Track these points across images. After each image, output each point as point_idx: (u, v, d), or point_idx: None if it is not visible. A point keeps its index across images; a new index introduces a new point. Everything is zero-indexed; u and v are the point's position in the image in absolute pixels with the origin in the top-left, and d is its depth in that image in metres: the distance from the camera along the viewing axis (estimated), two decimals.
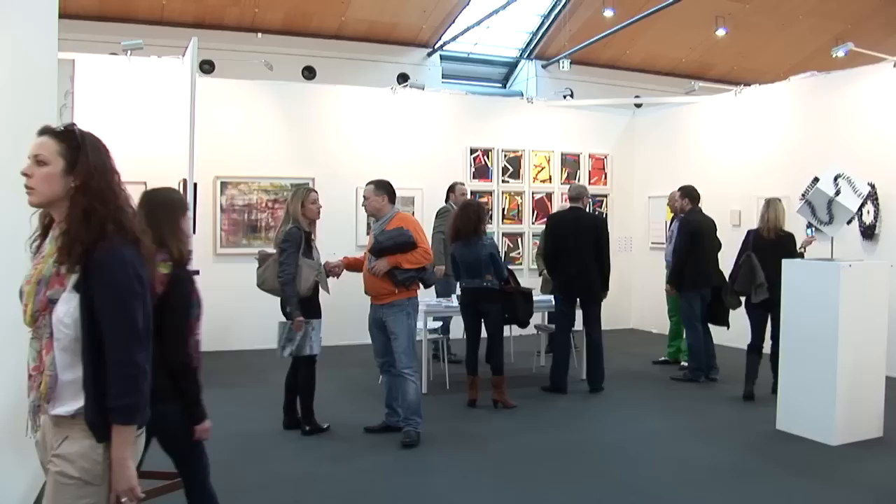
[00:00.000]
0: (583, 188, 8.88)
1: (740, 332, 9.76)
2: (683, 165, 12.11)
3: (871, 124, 9.61)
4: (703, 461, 6.19)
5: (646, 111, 14.13)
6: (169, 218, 3.72)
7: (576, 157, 13.06)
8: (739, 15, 16.05)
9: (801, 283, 6.90)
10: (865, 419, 6.76)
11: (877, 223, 9.44)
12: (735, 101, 11.71)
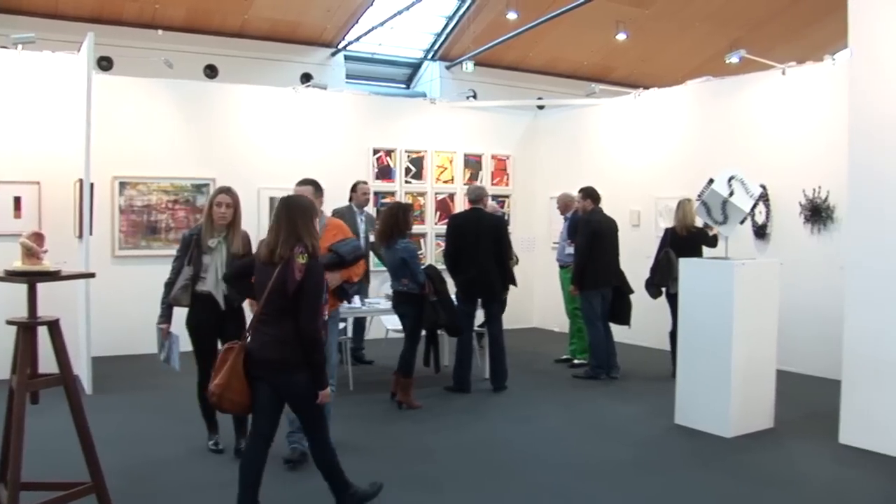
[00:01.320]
0: (482, 189, 9.03)
1: (640, 331, 10.11)
2: (584, 166, 12.40)
3: (763, 128, 10.05)
4: (604, 457, 6.38)
5: (548, 113, 14.41)
6: (305, 218, 4.71)
7: (478, 157, 13.22)
8: (640, 20, 16.50)
9: (697, 281, 7.18)
10: (758, 412, 7.09)
11: (768, 223, 9.89)
12: (635, 103, 12.08)
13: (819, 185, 9.29)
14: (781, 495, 5.56)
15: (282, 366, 4.57)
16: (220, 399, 4.61)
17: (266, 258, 4.66)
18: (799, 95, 9.71)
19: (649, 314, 9.79)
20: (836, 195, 8.89)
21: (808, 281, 9.14)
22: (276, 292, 4.54)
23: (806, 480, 5.90)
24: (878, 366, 6.43)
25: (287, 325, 4.54)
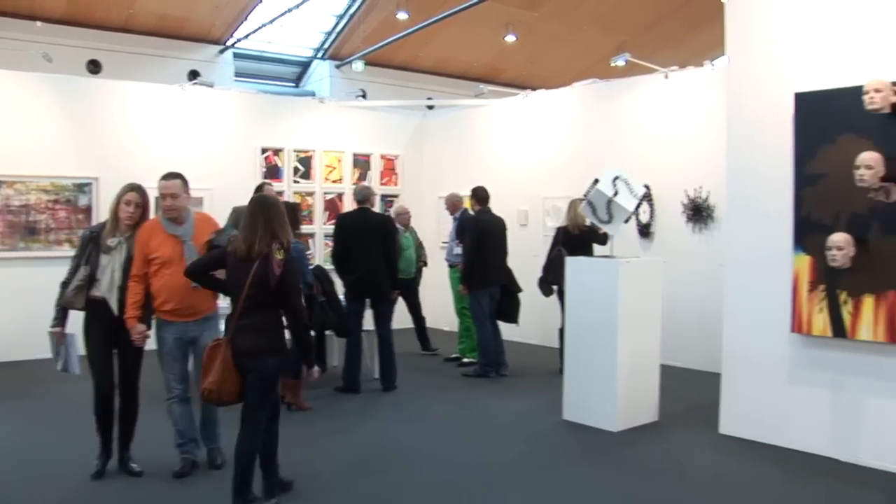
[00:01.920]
0: (368, 189, 9.05)
1: (529, 328, 10.26)
2: (473, 166, 12.52)
3: (647, 130, 10.35)
4: (493, 454, 6.46)
5: (437, 113, 14.51)
6: (279, 216, 5.05)
7: (367, 157, 13.21)
8: (529, 22, 16.72)
9: (583, 279, 7.35)
10: (643, 406, 7.31)
11: (652, 222, 10.21)
12: (522, 104, 12.27)
13: (700, 185, 9.62)
14: (666, 486, 5.75)
15: (259, 351, 4.92)
16: (220, 394, 4.93)
17: (244, 255, 4.92)
18: (681, 98, 10.05)
19: (538, 312, 9.98)
20: (717, 195, 9.20)
21: (690, 278, 9.45)
22: (256, 286, 4.87)
23: (689, 470, 6.14)
24: (755, 359, 6.73)
25: (265, 315, 4.95)
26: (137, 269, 5.57)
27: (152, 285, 5.58)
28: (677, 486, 5.74)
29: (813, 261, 6.26)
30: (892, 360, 5.96)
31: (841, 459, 6.19)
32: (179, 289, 5.54)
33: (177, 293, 5.56)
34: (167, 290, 5.55)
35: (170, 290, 5.55)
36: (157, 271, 5.55)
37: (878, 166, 5.80)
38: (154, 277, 5.56)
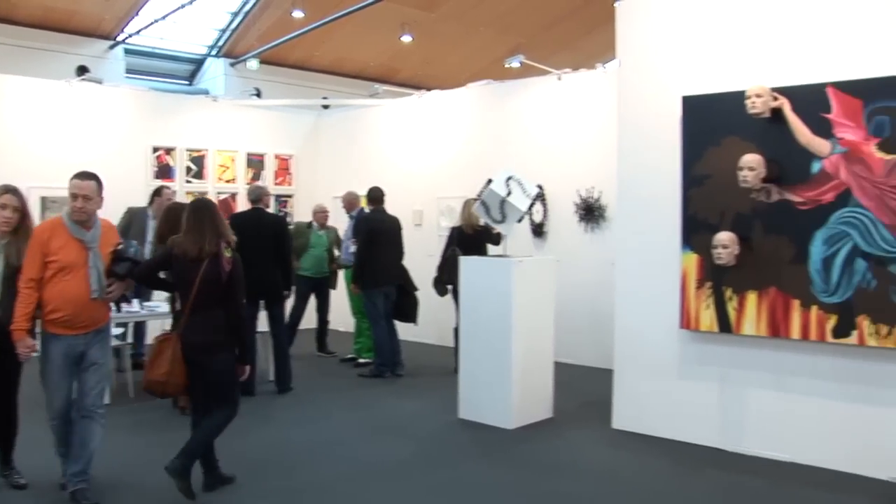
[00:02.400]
0: (262, 189, 8.94)
1: (425, 328, 10.26)
2: (368, 166, 12.46)
3: (540, 130, 10.48)
4: (389, 454, 6.45)
5: (332, 112, 14.38)
6: (221, 217, 5.36)
7: (261, 157, 13.02)
8: (425, 23, 16.73)
9: (477, 278, 7.39)
10: (538, 402, 7.39)
11: (545, 222, 10.35)
12: (417, 105, 12.29)
13: (592, 185, 9.79)
14: (561, 481, 5.83)
15: (212, 347, 5.18)
16: (166, 386, 5.15)
17: (195, 254, 5.13)
18: (574, 100, 10.20)
19: (433, 312, 9.98)
20: (608, 195, 9.37)
21: (583, 276, 9.61)
22: (207, 284, 5.12)
23: (583, 465, 6.23)
24: (646, 355, 6.89)
25: (215, 312, 5.19)
26: (33, 273, 5.01)
27: (44, 292, 5.04)
28: (572, 482, 5.83)
29: (700, 259, 6.43)
30: (774, 352, 6.22)
31: (728, 449, 6.40)
32: (76, 298, 5.05)
33: (72, 303, 5.05)
34: (62, 298, 5.02)
35: (65, 300, 5.02)
36: (53, 277, 5.02)
37: (760, 168, 6.02)
38: (48, 283, 5.03)
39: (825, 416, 6.02)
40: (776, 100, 6.01)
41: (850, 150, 5.77)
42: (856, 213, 5.76)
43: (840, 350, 5.90)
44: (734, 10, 6.45)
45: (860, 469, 5.83)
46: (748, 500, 5.50)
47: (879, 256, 5.67)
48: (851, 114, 5.77)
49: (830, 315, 5.88)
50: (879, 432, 5.79)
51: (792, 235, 6.02)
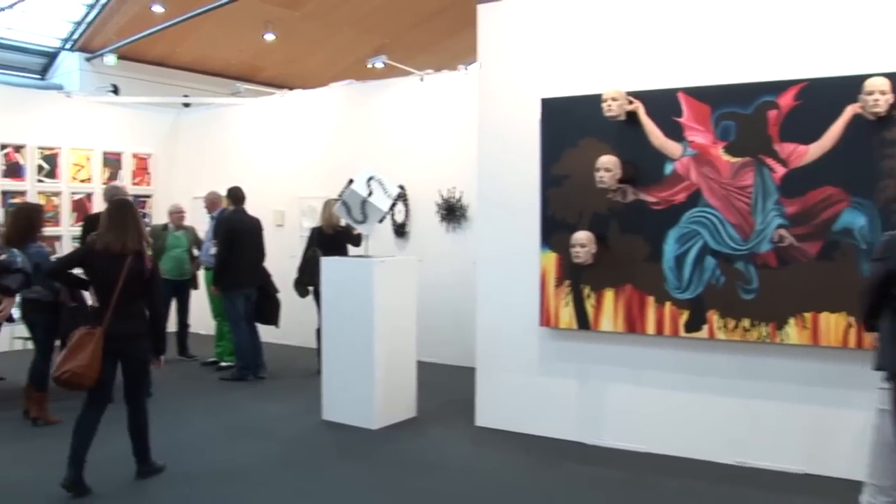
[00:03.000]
0: (118, 189, 8.59)
1: (288, 329, 10.08)
2: (229, 166, 12.15)
3: (402, 131, 10.44)
4: (254, 458, 6.28)
5: (192, 111, 13.94)
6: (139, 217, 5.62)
7: (118, 156, 12.54)
8: (289, 21, 16.43)
9: (339, 279, 7.29)
10: (401, 402, 7.34)
11: (407, 222, 10.31)
12: (280, 104, 12.06)
13: (454, 185, 9.81)
14: (425, 479, 5.81)
15: (134, 337, 5.45)
16: (82, 378, 5.25)
17: (118, 250, 5.31)
18: (435, 101, 10.20)
19: (296, 313, 9.79)
20: (469, 195, 9.39)
21: (445, 276, 9.62)
22: (132, 279, 5.34)
23: (447, 463, 6.21)
24: (507, 353, 6.93)
25: (137, 305, 5.45)
26: None
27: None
28: (435, 479, 5.80)
29: (559, 258, 6.51)
30: (630, 348, 6.36)
31: (587, 443, 6.51)
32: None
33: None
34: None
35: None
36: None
37: (616, 169, 6.13)
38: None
39: (678, 407, 6.21)
40: (631, 103, 6.14)
41: (699, 152, 5.95)
42: (705, 212, 5.95)
43: (692, 344, 6.09)
44: (592, 16, 6.55)
45: (710, 455, 6.05)
46: (605, 490, 5.58)
47: (727, 254, 5.87)
48: (701, 118, 5.95)
49: (683, 310, 6.06)
50: (726, 420, 6.02)
51: (646, 234, 6.16)
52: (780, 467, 5.76)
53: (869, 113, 5.35)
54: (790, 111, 5.66)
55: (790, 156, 5.65)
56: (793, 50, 5.78)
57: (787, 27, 5.82)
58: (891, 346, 3.48)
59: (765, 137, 5.74)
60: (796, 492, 5.33)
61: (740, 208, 5.82)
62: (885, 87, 5.27)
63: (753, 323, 5.79)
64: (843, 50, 5.61)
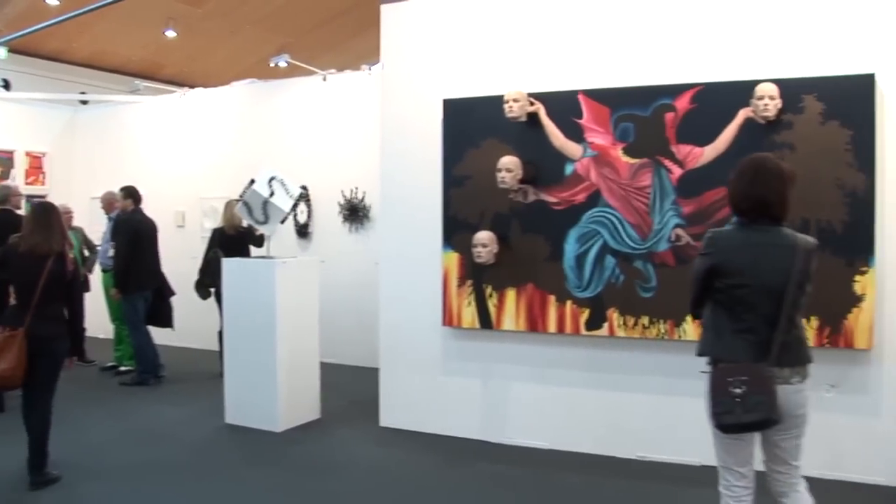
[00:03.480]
0: (9, 189, 8.33)
1: (189, 332, 9.83)
2: (128, 165, 11.78)
3: (304, 131, 10.30)
4: (154, 463, 6.10)
5: (90, 108, 13.45)
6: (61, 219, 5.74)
7: (9, 154, 12.01)
8: (190, 18, 16.05)
9: (240, 280, 7.15)
10: (305, 404, 7.23)
11: (310, 222, 10.16)
12: (181, 102, 11.75)
13: (356, 185, 9.71)
14: (330, 481, 5.73)
15: (53, 339, 5.45)
16: (11, 379, 5.30)
17: (44, 251, 5.40)
18: (338, 101, 10.08)
19: (197, 315, 9.55)
20: (372, 195, 9.34)
21: (348, 276, 9.53)
22: (53, 280, 5.41)
23: (352, 463, 6.12)
24: (411, 353, 6.88)
25: (56, 306, 5.50)
26: None
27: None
28: (340, 481, 5.72)
29: (461, 258, 6.48)
30: (532, 346, 6.38)
31: (491, 441, 6.52)
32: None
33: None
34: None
35: None
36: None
37: (517, 169, 6.14)
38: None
39: (580, 404, 6.26)
40: (532, 104, 6.17)
41: (599, 153, 6.01)
42: (605, 212, 6.00)
43: (593, 341, 6.14)
44: (494, 18, 6.55)
45: (611, 451, 6.12)
46: (509, 488, 5.58)
47: (626, 253, 5.94)
48: (600, 120, 6.00)
49: (584, 309, 6.10)
50: (627, 415, 6.10)
51: (547, 234, 6.19)
52: (680, 460, 5.85)
53: (759, 117, 5.50)
54: (686, 114, 5.76)
55: (686, 157, 5.75)
56: (689, 55, 5.89)
57: (683, 33, 5.92)
58: (711, 333, 3.70)
59: (662, 139, 5.83)
60: (697, 484, 5.41)
61: (639, 208, 5.89)
62: (774, 92, 5.42)
63: (652, 320, 5.87)
64: (735, 56, 5.75)
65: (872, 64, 5.41)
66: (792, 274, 3.53)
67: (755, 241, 3.61)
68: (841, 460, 5.57)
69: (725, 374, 3.53)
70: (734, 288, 3.60)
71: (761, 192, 3.60)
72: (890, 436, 5.49)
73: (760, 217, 3.62)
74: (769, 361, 3.50)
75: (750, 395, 3.44)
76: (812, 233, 5.35)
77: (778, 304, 3.53)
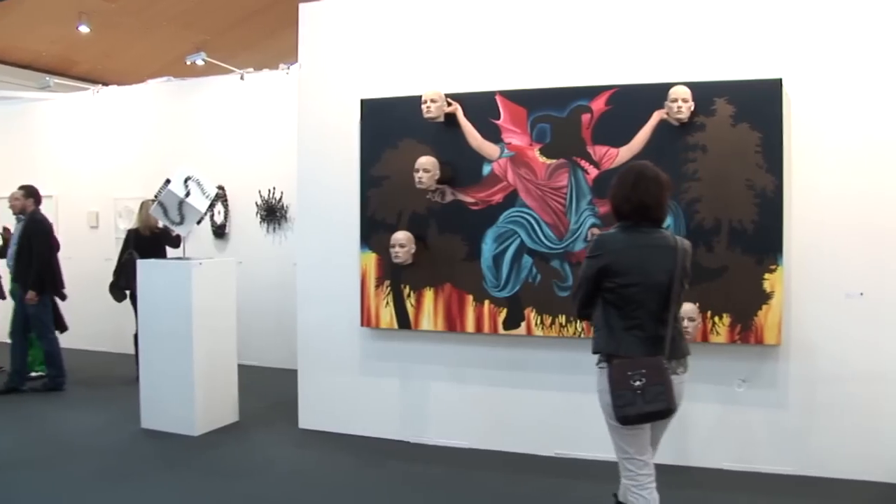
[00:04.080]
0: None
1: (101, 336, 9.57)
2: (38, 164, 11.36)
3: (221, 130, 10.11)
4: (72, 472, 5.87)
5: None
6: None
7: None
8: (104, 13, 15.63)
9: (156, 282, 6.97)
10: (222, 407, 7.09)
11: (227, 223, 9.99)
12: (94, 100, 11.40)
13: (274, 185, 9.58)
14: (248, 483, 5.61)
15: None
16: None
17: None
18: (256, 100, 9.93)
19: (112, 318, 9.31)
20: (290, 196, 9.23)
21: (266, 278, 9.41)
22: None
23: (270, 466, 6.01)
24: (329, 354, 6.80)
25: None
26: None
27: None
28: (259, 484, 5.60)
29: (379, 258, 6.41)
30: (450, 346, 6.35)
31: (411, 441, 6.48)
32: None
33: None
34: None
35: None
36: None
37: (435, 170, 6.10)
38: None
39: (499, 403, 6.26)
40: (450, 105, 6.13)
41: (516, 154, 6.00)
42: (522, 212, 6.00)
43: (510, 341, 6.14)
44: (413, 18, 6.51)
45: (532, 448, 6.14)
46: (429, 487, 5.55)
47: (543, 253, 5.95)
48: (517, 121, 6.00)
49: (501, 308, 6.09)
50: (547, 413, 6.13)
51: (465, 234, 6.16)
52: (599, 457, 5.85)
53: (673, 119, 5.56)
54: (602, 115, 5.80)
55: (602, 158, 5.78)
56: (605, 57, 5.94)
57: (600, 36, 5.97)
58: (605, 331, 3.85)
59: (578, 140, 5.85)
60: (615, 480, 5.44)
61: (555, 208, 5.90)
62: (687, 95, 5.49)
63: (570, 319, 5.89)
64: (650, 59, 5.82)
65: (780, 69, 5.53)
66: (675, 272, 3.73)
67: (641, 243, 3.80)
68: (752, 452, 5.70)
69: (625, 369, 3.67)
70: (624, 287, 3.76)
71: (641, 197, 3.78)
72: (797, 427, 5.64)
73: (642, 220, 3.80)
74: (664, 355, 3.69)
75: (650, 386, 3.61)
76: (724, 232, 5.51)
77: (664, 300, 3.73)
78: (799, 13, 5.57)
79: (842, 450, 5.52)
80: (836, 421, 5.54)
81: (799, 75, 5.55)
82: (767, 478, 5.57)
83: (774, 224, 5.45)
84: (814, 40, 5.55)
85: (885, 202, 5.43)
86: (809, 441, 5.60)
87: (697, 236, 5.50)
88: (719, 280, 5.54)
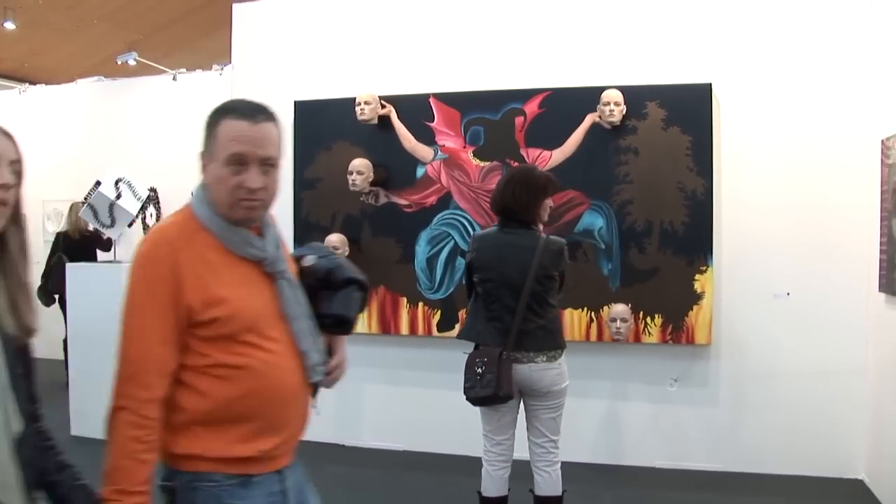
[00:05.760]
0: None
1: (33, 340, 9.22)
2: None
3: (153, 131, 9.86)
4: None
5: None
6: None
7: None
8: (32, 10, 15.17)
9: (86, 286, 6.76)
10: None
11: None
12: (20, 99, 11.05)
13: None
14: None
15: None
16: None
17: None
18: (189, 101, 9.68)
19: (39, 323, 8.96)
20: None
21: None
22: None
23: None
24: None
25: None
26: (162, 361, 2.11)
27: (205, 391, 2.10)
28: None
29: None
30: (385, 348, 6.29)
31: (346, 444, 6.39)
32: (282, 391, 2.20)
33: (277, 403, 2.19)
34: (257, 397, 2.14)
35: (262, 398, 2.15)
36: (228, 352, 2.11)
37: (368, 172, 6.01)
38: (208, 373, 2.11)
39: (432, 405, 6.20)
40: (384, 107, 6.06)
41: (450, 156, 5.96)
42: (455, 214, 5.96)
43: (445, 343, 6.04)
44: (347, 20, 6.43)
45: (466, 450, 6.01)
46: (363, 490, 5.51)
47: None
48: (451, 123, 5.95)
49: (435, 310, 6.05)
50: (479, 415, 6.02)
51: (399, 237, 6.10)
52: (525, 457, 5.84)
53: (605, 122, 5.57)
54: (535, 118, 5.78)
55: (535, 160, 5.75)
56: (538, 61, 5.93)
57: (533, 39, 5.95)
58: (471, 319, 4.19)
59: (512, 142, 5.82)
60: None
61: (488, 210, 5.83)
62: (619, 98, 5.50)
63: None
64: (583, 63, 5.83)
65: (710, 74, 5.58)
66: (530, 271, 3.92)
67: (503, 242, 4.03)
68: (684, 449, 5.74)
69: (474, 356, 4.02)
70: (484, 282, 4.05)
71: (506, 199, 4.00)
72: (727, 425, 5.69)
73: (509, 221, 4.04)
74: (507, 346, 3.95)
75: (486, 373, 3.92)
76: (655, 234, 5.51)
77: (517, 296, 3.94)
78: (729, 19, 5.63)
79: (770, 446, 5.59)
80: (765, 418, 5.61)
81: (728, 80, 5.61)
82: (699, 475, 5.60)
83: (704, 226, 5.48)
84: (743, 46, 5.62)
85: (810, 205, 5.51)
86: (739, 438, 5.66)
87: (629, 238, 5.52)
88: (651, 281, 5.56)
